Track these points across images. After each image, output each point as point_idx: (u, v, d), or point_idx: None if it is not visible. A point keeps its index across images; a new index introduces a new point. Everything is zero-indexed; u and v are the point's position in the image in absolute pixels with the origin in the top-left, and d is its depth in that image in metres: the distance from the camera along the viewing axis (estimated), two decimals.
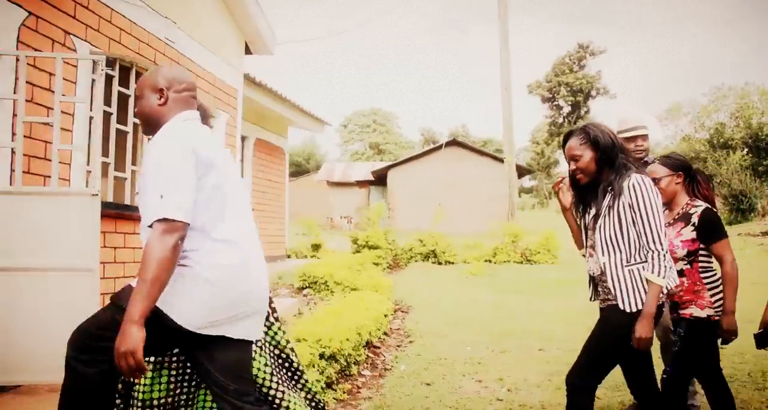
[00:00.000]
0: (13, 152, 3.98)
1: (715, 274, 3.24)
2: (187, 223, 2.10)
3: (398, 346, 6.69)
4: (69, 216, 3.77)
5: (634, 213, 2.75)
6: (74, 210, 3.77)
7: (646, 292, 2.71)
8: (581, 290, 2.89)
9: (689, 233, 3.17)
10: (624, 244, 2.79)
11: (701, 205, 3.21)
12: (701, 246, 3.19)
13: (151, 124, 2.41)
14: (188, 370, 2.72)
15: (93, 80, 4.59)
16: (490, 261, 13.78)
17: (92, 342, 2.29)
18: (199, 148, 2.20)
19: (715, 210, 3.25)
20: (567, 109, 51.83)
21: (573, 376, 2.89)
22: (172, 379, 2.68)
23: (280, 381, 2.86)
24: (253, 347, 2.64)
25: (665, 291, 2.74)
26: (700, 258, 3.21)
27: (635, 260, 2.77)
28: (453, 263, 13.79)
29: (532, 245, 14.22)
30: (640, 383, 3.13)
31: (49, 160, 4.29)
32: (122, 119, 5.28)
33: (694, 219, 3.18)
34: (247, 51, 8.09)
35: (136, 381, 2.57)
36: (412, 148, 61.22)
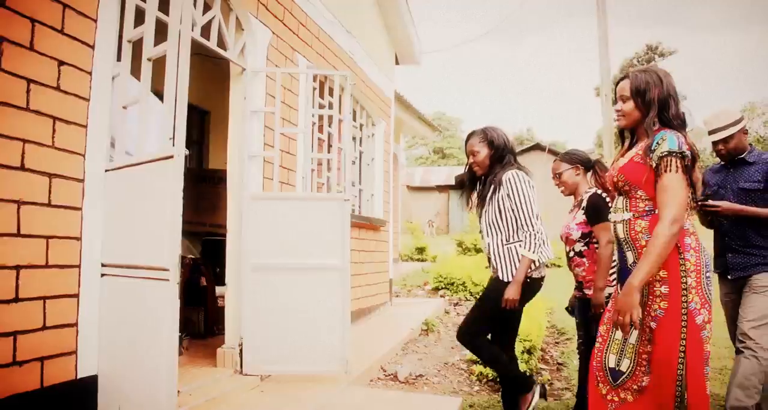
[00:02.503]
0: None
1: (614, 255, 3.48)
2: None
3: (556, 343, 6.84)
4: (327, 219, 4.06)
5: (511, 201, 3.26)
6: (332, 214, 4.07)
7: (517, 266, 3.24)
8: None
9: (581, 216, 3.54)
10: (503, 227, 3.32)
11: (590, 191, 3.56)
12: None
13: None
14: None
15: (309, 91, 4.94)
16: None
17: None
18: None
19: (603, 196, 3.48)
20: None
21: (463, 329, 3.45)
22: None
23: None
24: None
25: (536, 264, 3.27)
26: (595, 240, 3.49)
27: (513, 239, 3.29)
28: (559, 266, 13.75)
29: None
30: (496, 339, 3.53)
31: (285, 168, 4.65)
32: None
33: (584, 203, 3.53)
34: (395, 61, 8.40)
35: None
36: None
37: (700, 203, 3.40)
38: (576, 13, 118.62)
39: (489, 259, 3.47)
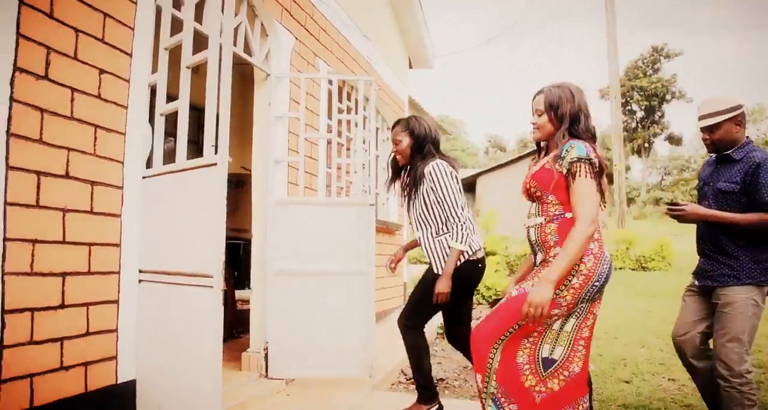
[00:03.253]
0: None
1: None
2: None
3: None
4: (352, 224, 4.08)
5: (435, 193, 3.25)
6: (357, 218, 4.09)
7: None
8: None
9: None
10: (431, 220, 3.33)
11: None
12: None
13: None
14: None
15: (327, 95, 4.97)
16: None
17: None
18: None
19: None
20: (641, 113, 50.66)
21: (402, 318, 3.47)
22: None
23: None
24: None
25: (467, 255, 3.25)
26: None
27: (443, 231, 3.29)
28: None
29: (646, 252, 14.13)
30: (453, 332, 3.55)
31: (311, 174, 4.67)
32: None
33: None
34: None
35: None
36: (477, 154, 60.99)
37: (666, 206, 3.27)
38: (577, 14, 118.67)
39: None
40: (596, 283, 2.45)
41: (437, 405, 3.47)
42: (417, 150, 3.41)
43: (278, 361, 4.06)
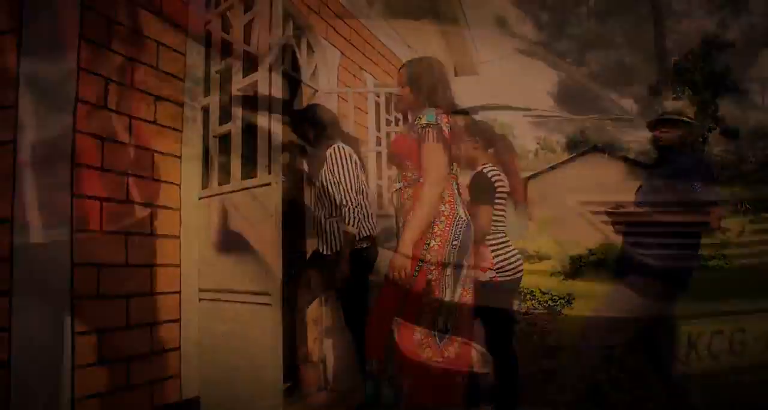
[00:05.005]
0: None
1: (502, 236, 3.14)
2: None
3: None
4: None
5: (331, 176, 3.29)
6: None
7: (338, 239, 3.30)
8: None
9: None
10: (326, 202, 3.35)
11: (478, 169, 3.21)
12: None
13: None
14: None
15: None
16: None
17: None
18: None
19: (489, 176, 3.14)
20: (692, 108, 49.15)
21: (345, 322, 3.44)
22: None
23: None
24: None
25: (359, 237, 3.25)
26: None
27: (335, 214, 3.31)
28: None
29: (704, 249, 13.69)
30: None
31: None
32: None
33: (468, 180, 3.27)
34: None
35: None
36: (527, 157, 60.24)
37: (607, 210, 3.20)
38: (623, 10, 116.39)
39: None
40: (455, 242, 2.48)
41: None
42: (321, 135, 3.51)
43: (336, 373, 4.08)
